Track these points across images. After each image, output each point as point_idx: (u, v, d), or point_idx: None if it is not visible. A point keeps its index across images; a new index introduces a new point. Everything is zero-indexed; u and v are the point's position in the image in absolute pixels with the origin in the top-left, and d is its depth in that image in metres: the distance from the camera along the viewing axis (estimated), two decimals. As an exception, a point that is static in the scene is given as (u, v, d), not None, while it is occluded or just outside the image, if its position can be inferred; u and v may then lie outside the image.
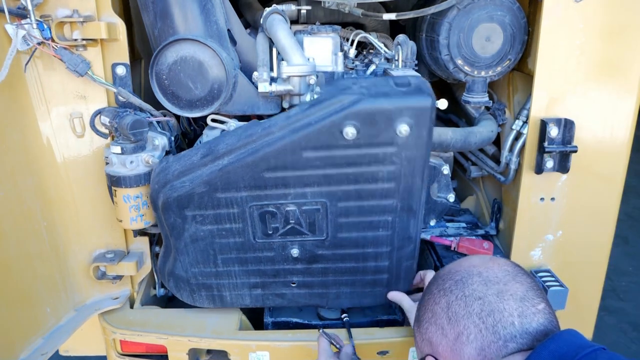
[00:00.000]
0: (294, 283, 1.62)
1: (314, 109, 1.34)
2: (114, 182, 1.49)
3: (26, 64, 1.43)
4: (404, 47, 1.63)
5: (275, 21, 1.55)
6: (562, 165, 1.64)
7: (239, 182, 1.40)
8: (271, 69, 1.52)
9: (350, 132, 1.31)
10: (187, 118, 1.85)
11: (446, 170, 1.68)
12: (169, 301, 2.00)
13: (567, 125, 1.61)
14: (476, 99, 1.79)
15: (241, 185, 1.41)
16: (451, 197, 1.71)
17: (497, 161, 1.91)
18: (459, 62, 1.71)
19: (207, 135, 1.58)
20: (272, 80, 1.51)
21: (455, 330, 0.80)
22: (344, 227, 1.50)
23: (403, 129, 1.31)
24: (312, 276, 1.60)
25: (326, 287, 1.63)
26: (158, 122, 1.61)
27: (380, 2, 1.95)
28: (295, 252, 1.54)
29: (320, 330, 1.44)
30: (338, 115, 1.31)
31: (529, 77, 1.70)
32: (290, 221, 1.49)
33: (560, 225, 1.76)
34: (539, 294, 0.82)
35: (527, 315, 0.78)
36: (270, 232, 1.51)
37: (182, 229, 1.49)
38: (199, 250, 1.54)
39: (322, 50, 1.60)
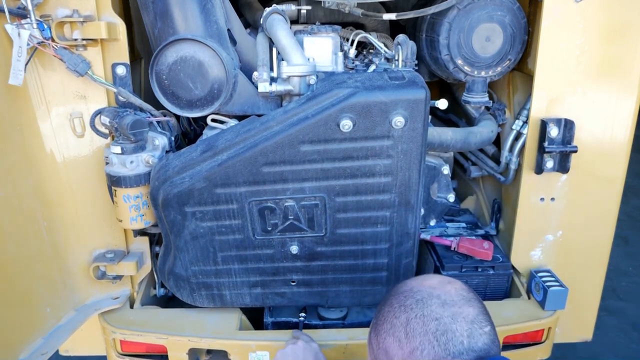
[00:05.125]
0: (293, 281, 1.62)
1: (310, 102, 1.36)
2: (114, 182, 1.49)
3: (26, 64, 1.43)
4: (404, 47, 1.63)
5: (275, 21, 1.55)
6: (562, 165, 1.64)
7: (238, 177, 1.41)
8: (271, 69, 1.52)
9: (346, 124, 1.33)
10: (187, 118, 1.85)
11: (446, 170, 1.68)
12: (169, 301, 1.99)
13: (567, 125, 1.61)
14: (476, 99, 1.79)
15: (240, 180, 1.42)
16: (451, 197, 1.71)
17: (497, 161, 1.91)
18: (459, 62, 1.71)
19: (207, 135, 1.58)
20: (272, 80, 1.51)
21: (411, 344, 0.90)
22: (343, 222, 1.50)
23: (398, 121, 1.33)
24: (311, 274, 1.60)
25: (326, 286, 1.63)
26: (158, 122, 1.61)
27: (380, 2, 1.95)
28: (294, 249, 1.54)
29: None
30: (334, 108, 1.33)
31: (529, 77, 1.70)
32: (289, 217, 1.49)
33: (560, 225, 1.76)
34: (486, 318, 0.93)
35: (475, 336, 0.88)
36: (270, 229, 1.51)
37: (182, 226, 1.49)
38: (198, 248, 1.54)
39: (322, 50, 1.61)
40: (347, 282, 1.63)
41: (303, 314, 1.75)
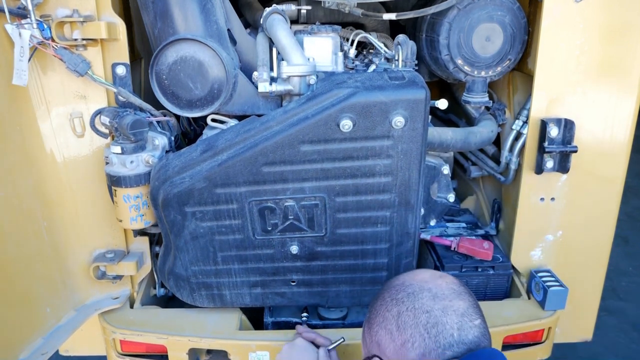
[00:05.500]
0: (293, 281, 1.62)
1: (310, 102, 1.36)
2: (114, 182, 1.49)
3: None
4: (404, 47, 1.63)
5: (276, 21, 1.55)
6: (562, 166, 1.64)
7: (238, 177, 1.41)
8: (271, 69, 1.52)
9: (346, 124, 1.33)
10: (187, 118, 1.85)
11: (446, 170, 1.68)
12: (169, 301, 1.99)
13: (567, 125, 1.61)
14: (476, 99, 1.79)
15: (240, 180, 1.42)
16: (451, 197, 1.71)
17: (497, 161, 1.91)
18: (459, 62, 1.71)
19: (207, 135, 1.58)
20: (272, 80, 1.51)
21: (402, 337, 0.91)
22: (343, 222, 1.50)
23: (398, 121, 1.33)
24: (311, 274, 1.60)
25: (326, 286, 1.63)
26: (158, 122, 1.61)
27: (380, 2, 1.95)
28: (294, 249, 1.54)
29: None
30: (334, 108, 1.33)
31: (529, 77, 1.70)
32: (289, 217, 1.49)
33: (560, 225, 1.76)
34: (477, 311, 0.94)
35: (465, 328, 0.90)
36: (270, 229, 1.51)
37: (182, 226, 1.49)
38: (198, 248, 1.54)
39: (322, 50, 1.60)
40: (347, 282, 1.63)
41: (305, 314, 1.75)
